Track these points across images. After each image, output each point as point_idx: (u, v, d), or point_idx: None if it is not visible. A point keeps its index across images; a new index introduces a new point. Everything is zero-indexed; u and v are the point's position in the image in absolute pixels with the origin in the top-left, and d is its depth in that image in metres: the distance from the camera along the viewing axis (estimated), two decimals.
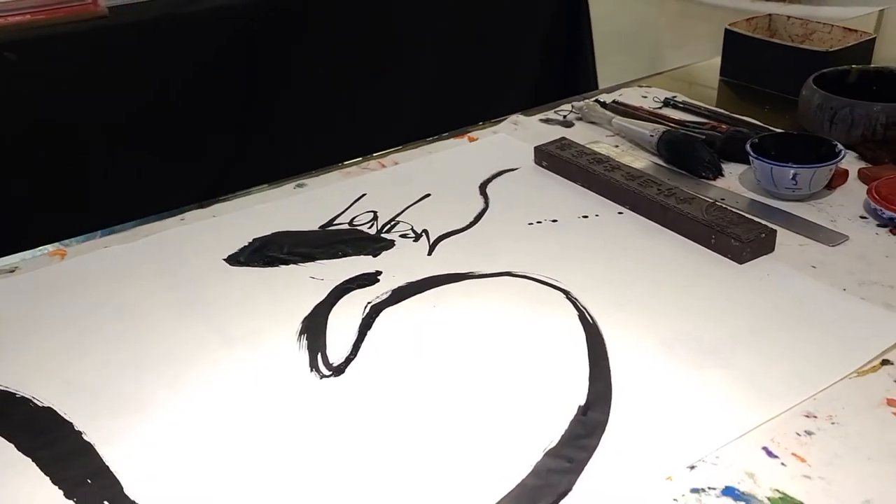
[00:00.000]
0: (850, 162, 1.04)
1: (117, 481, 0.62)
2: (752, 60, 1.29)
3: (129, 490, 0.61)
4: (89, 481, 0.62)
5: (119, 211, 1.12)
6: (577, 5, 2.35)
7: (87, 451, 0.65)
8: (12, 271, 0.90)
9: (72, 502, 0.60)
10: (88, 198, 1.62)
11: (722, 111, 1.21)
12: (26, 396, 0.71)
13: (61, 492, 0.61)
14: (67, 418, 0.68)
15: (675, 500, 0.59)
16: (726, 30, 1.33)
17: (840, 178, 0.99)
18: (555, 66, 2.24)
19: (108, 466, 0.63)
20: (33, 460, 0.64)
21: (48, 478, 0.62)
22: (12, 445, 0.66)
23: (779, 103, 1.23)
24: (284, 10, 1.76)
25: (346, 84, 1.87)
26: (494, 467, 0.61)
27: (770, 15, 1.37)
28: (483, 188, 1.04)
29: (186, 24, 1.68)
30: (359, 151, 1.14)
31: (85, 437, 0.66)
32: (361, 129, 1.86)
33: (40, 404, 0.70)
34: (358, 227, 0.96)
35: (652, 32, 4.41)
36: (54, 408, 0.69)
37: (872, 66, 1.17)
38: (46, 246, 0.94)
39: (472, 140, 1.18)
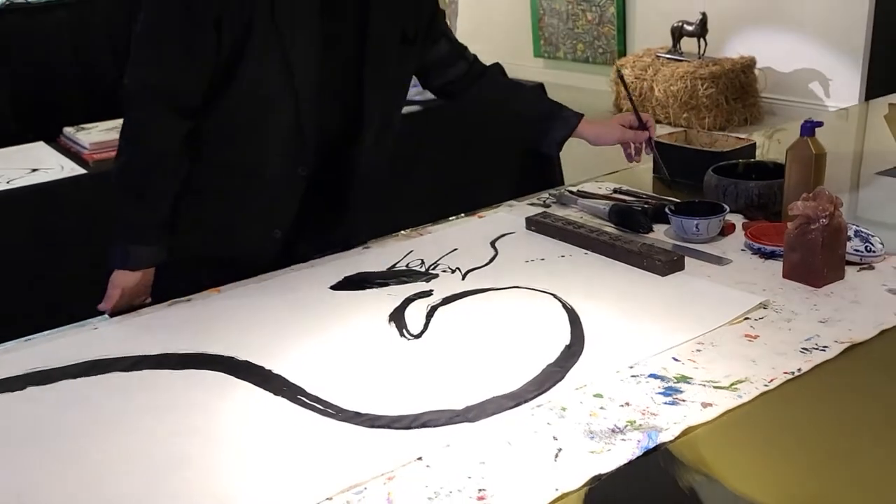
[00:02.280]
0: (738, 219, 1.55)
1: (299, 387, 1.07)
2: (673, 160, 1.82)
3: (306, 387, 1.07)
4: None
5: None
6: None
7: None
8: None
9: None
10: None
11: (652, 194, 1.73)
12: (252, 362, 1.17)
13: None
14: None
15: (621, 380, 1.05)
16: (655, 141, 1.87)
17: (729, 228, 1.50)
18: (530, 167, 2.86)
19: (283, 376, 1.09)
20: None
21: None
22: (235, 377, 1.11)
23: (690, 187, 1.75)
24: None
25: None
26: (520, 373, 1.08)
27: (686, 130, 1.92)
28: (493, 243, 1.54)
29: None
30: (395, 228, 1.63)
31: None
32: (393, 212, 2.36)
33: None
34: (413, 269, 1.45)
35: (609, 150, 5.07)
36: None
37: (752, 160, 1.71)
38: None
39: (480, 217, 1.69)
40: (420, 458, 0.93)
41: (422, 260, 1.48)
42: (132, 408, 1.07)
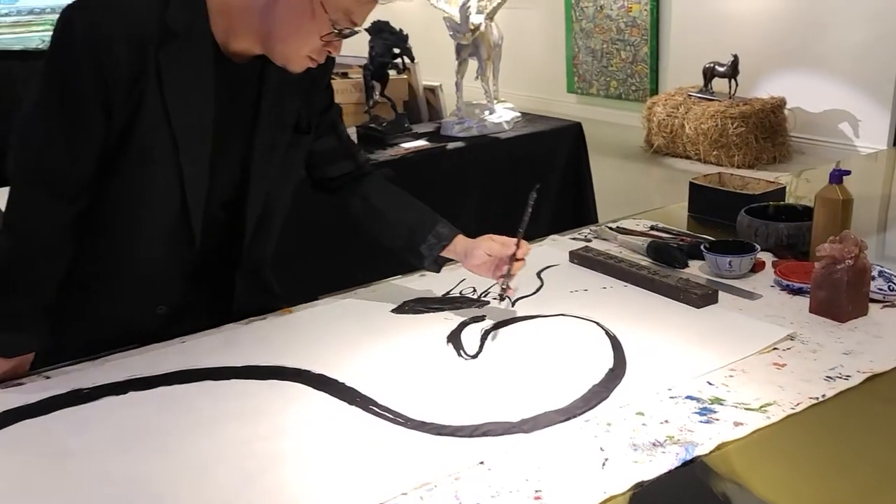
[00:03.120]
0: (768, 258, 1.66)
1: (369, 398, 1.20)
2: (707, 201, 1.94)
3: (377, 398, 1.19)
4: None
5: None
6: (580, 162, 3.17)
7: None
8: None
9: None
10: None
11: (687, 231, 1.85)
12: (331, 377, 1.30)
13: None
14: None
15: (661, 401, 1.17)
16: (690, 182, 2.00)
17: (760, 265, 1.62)
18: (566, 203, 3.00)
19: (356, 388, 1.22)
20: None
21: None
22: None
23: (724, 226, 1.86)
24: None
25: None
26: (569, 392, 1.20)
27: (720, 173, 2.05)
28: (538, 274, 1.66)
29: None
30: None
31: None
32: None
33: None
34: (466, 296, 1.57)
35: (641, 186, 5.20)
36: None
37: (782, 202, 1.83)
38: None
39: None
40: (482, 463, 1.05)
41: (473, 288, 1.61)
42: (222, 413, 1.20)
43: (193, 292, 1.45)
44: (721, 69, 5.38)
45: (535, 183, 1.54)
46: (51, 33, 1.26)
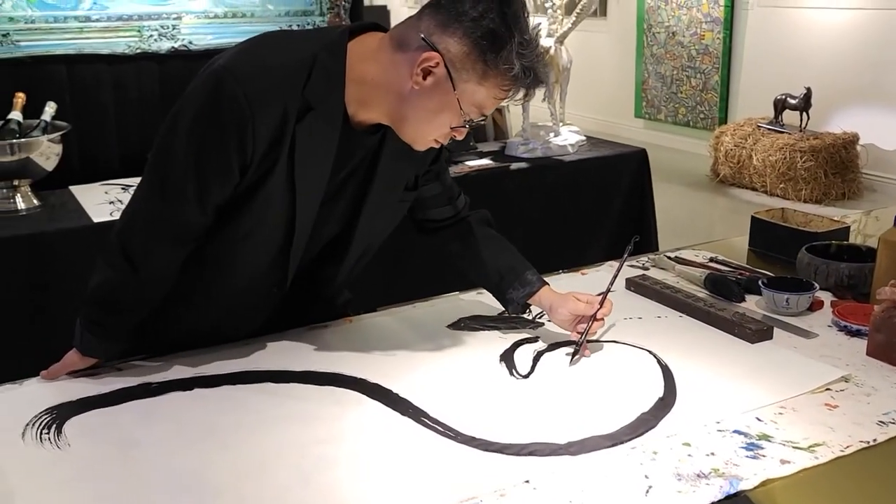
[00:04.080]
0: (826, 297, 1.65)
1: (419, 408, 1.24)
2: (769, 236, 1.94)
3: (429, 411, 1.23)
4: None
5: None
6: (643, 189, 3.16)
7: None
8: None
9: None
10: None
11: (746, 265, 1.85)
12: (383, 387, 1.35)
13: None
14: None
15: (708, 433, 1.18)
16: (752, 216, 2.00)
17: (818, 304, 1.61)
18: (627, 229, 3.00)
19: (409, 400, 1.26)
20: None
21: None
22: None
23: (784, 262, 1.86)
24: None
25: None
26: (617, 418, 1.22)
27: (783, 208, 2.04)
28: None
29: None
30: None
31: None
32: None
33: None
34: (521, 316, 1.60)
35: (705, 216, 5.16)
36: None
37: (844, 242, 1.81)
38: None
39: (583, 274, 1.84)
40: (527, 482, 1.08)
41: (529, 308, 1.64)
42: (281, 414, 1.25)
43: (274, 319, 1.51)
44: (793, 101, 5.31)
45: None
46: (136, 41, 1.31)
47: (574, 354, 1.43)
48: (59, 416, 1.25)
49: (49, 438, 1.19)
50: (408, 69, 1.25)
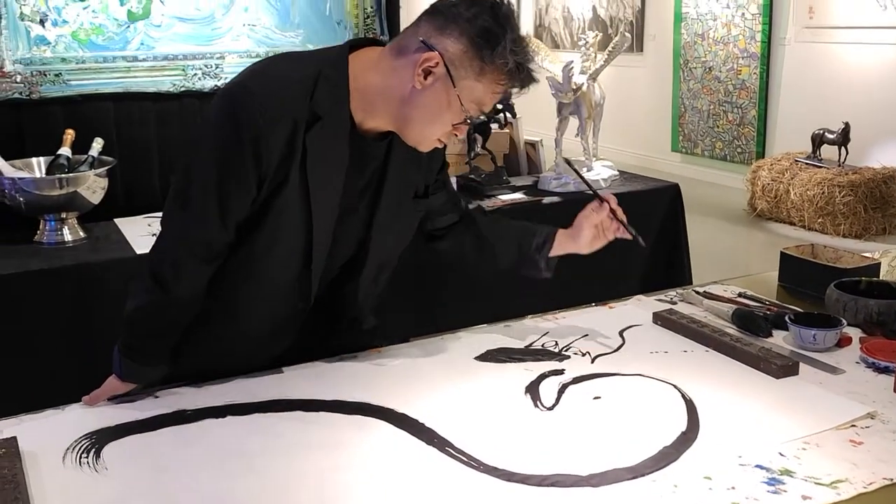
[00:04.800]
0: (855, 333, 1.65)
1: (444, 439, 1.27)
2: (798, 272, 1.94)
3: (453, 440, 1.26)
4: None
5: None
6: (676, 224, 3.17)
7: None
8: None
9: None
10: None
11: (774, 301, 1.85)
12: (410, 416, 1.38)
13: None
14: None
15: (729, 467, 1.19)
16: (782, 252, 2.00)
17: (846, 341, 1.61)
18: (659, 262, 3.01)
19: (434, 430, 1.28)
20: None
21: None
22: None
23: (813, 298, 1.86)
24: None
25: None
26: (639, 451, 1.24)
27: (812, 244, 2.04)
28: (621, 333, 1.70)
29: None
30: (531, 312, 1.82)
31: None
32: (531, 298, 2.55)
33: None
34: (547, 349, 1.63)
35: (742, 250, 5.12)
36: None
37: (874, 279, 1.81)
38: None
39: (611, 308, 1.86)
40: None
41: (556, 341, 1.66)
42: (308, 441, 1.29)
43: (300, 339, 1.56)
44: (831, 136, 5.28)
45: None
46: (181, 79, 1.41)
47: (635, 237, 1.63)
48: (98, 440, 1.30)
49: (88, 462, 1.24)
50: (409, 72, 1.34)
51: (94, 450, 1.27)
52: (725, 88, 6.48)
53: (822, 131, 5.35)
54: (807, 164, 5.42)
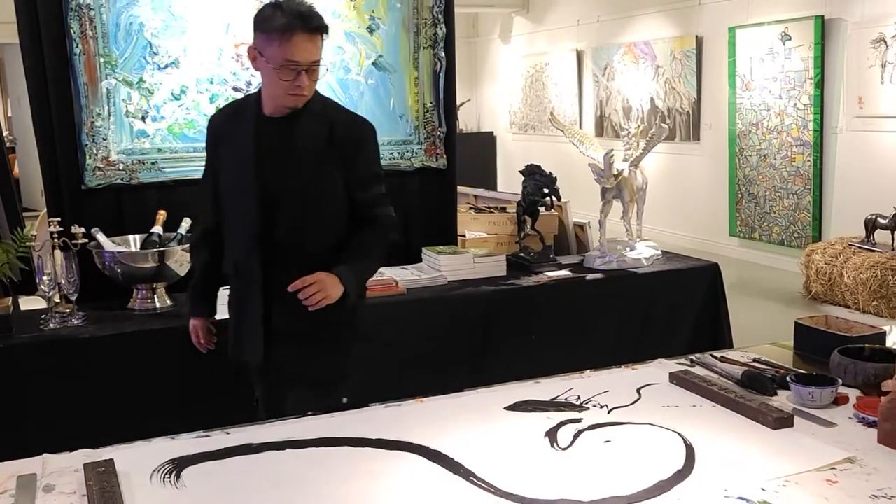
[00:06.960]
0: (853, 393, 1.81)
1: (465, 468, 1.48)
2: (810, 340, 2.11)
3: (477, 471, 1.47)
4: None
5: None
6: (717, 302, 3.37)
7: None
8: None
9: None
10: None
11: (784, 364, 2.02)
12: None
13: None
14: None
15: (714, 498, 1.37)
16: (796, 322, 2.17)
17: (843, 399, 1.77)
18: (701, 341, 3.19)
19: (462, 463, 1.50)
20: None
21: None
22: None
23: (824, 364, 2.01)
24: (520, 295, 2.82)
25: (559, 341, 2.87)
26: (636, 483, 1.43)
27: (826, 315, 2.21)
28: (638, 390, 1.89)
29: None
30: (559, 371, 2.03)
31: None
32: (557, 359, 2.74)
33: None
34: (570, 401, 1.83)
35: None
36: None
37: (877, 346, 1.97)
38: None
39: (633, 369, 2.05)
40: None
41: (578, 395, 1.86)
42: (357, 472, 1.52)
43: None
44: (883, 221, 5.36)
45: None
46: None
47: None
48: (178, 465, 1.55)
49: (170, 481, 1.49)
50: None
51: (175, 472, 1.53)
52: (780, 175, 6.63)
53: (874, 216, 5.43)
54: (860, 247, 5.50)
